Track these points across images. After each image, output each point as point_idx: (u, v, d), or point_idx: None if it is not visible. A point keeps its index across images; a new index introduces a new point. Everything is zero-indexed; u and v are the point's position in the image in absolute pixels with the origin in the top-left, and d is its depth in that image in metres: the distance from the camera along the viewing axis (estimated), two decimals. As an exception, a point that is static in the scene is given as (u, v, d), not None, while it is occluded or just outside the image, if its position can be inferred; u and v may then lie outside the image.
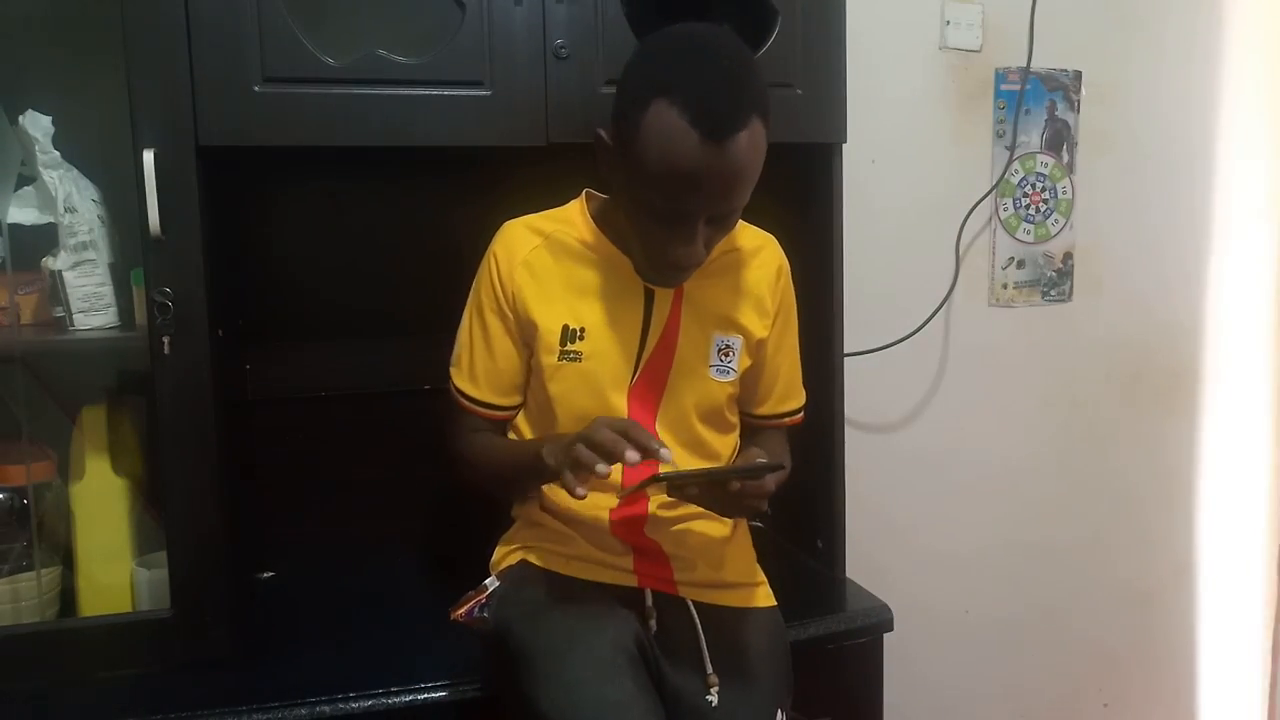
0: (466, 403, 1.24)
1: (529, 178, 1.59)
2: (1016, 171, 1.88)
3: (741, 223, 1.24)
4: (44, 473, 1.30)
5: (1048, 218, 1.92)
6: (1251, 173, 2.03)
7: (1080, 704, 2.09)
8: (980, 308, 1.91)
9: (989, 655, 2.00)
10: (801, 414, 1.34)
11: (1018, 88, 1.86)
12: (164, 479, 1.22)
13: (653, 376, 1.21)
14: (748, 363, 1.24)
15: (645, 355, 1.20)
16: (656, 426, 1.20)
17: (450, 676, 1.22)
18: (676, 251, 1.10)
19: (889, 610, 1.38)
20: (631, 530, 1.21)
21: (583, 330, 1.18)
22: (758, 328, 1.24)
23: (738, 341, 1.23)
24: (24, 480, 1.28)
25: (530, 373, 1.23)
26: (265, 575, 1.55)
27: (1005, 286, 1.92)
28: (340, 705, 1.17)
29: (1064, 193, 1.92)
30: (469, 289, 1.23)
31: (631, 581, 1.22)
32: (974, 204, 1.84)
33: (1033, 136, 1.89)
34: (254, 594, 1.49)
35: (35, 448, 1.29)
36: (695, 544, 1.23)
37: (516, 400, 1.25)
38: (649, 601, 1.20)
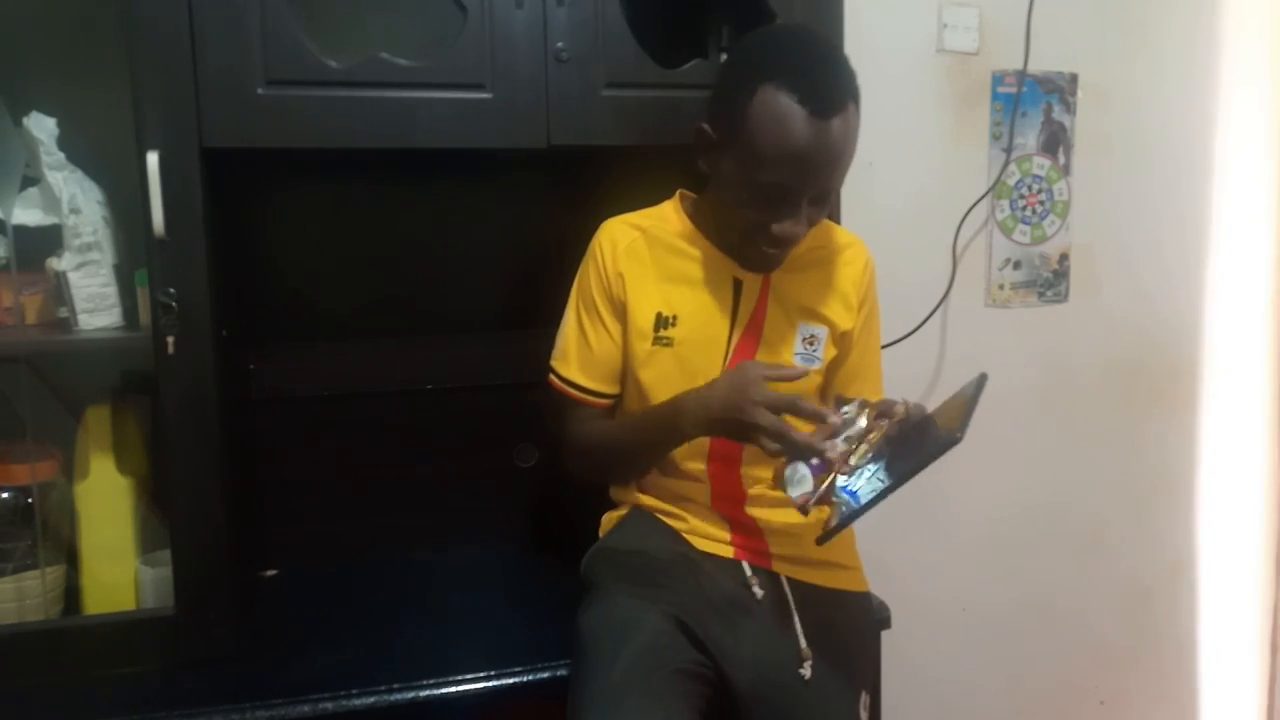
0: (577, 393, 1.28)
1: (530, 179, 1.61)
2: (1013, 173, 1.89)
3: (829, 222, 1.32)
4: (48, 472, 1.31)
5: (1044, 219, 1.93)
6: (1248, 174, 2.04)
7: (1078, 701, 2.10)
8: (977, 308, 1.92)
9: (986, 652, 2.00)
10: None
11: (1014, 90, 1.87)
12: (168, 478, 1.23)
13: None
14: (834, 353, 1.28)
15: (733, 342, 1.24)
16: None
17: (453, 673, 1.23)
18: (783, 228, 1.15)
19: (886, 607, 1.39)
20: (731, 507, 1.26)
21: (675, 318, 1.24)
22: (843, 320, 1.28)
23: (822, 331, 1.27)
24: (29, 479, 1.28)
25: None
26: (268, 573, 1.56)
27: (1002, 287, 1.93)
28: (343, 702, 1.18)
29: (1060, 194, 1.93)
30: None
31: (729, 553, 1.26)
32: (971, 206, 1.85)
33: (1029, 138, 1.90)
34: (257, 592, 1.50)
35: (40, 447, 1.30)
36: (794, 522, 1.25)
37: (619, 388, 1.30)
38: (748, 572, 1.24)
